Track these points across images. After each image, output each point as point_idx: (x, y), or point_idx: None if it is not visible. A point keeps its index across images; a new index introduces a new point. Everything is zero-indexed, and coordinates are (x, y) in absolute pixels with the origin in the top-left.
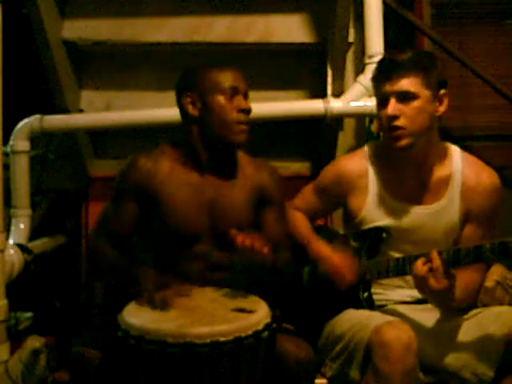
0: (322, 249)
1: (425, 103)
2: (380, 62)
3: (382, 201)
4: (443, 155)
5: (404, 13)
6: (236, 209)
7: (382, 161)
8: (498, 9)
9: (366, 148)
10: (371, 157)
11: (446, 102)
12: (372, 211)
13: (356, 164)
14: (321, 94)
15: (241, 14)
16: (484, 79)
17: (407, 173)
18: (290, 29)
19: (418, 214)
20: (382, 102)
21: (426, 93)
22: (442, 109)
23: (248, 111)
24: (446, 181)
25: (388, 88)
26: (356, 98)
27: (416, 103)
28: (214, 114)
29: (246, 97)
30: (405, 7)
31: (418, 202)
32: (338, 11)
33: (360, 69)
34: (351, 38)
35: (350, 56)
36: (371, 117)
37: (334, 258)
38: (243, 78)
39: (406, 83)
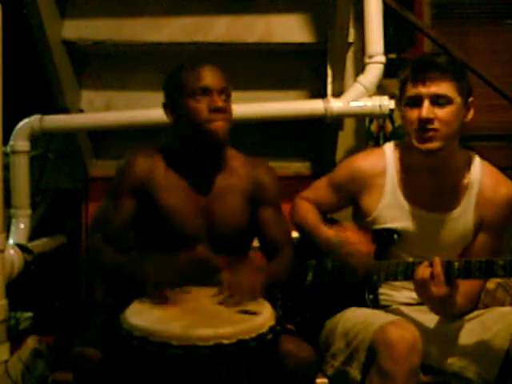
0: (331, 231)
1: (458, 109)
2: (416, 63)
3: (396, 203)
4: (463, 163)
5: (404, 13)
6: (231, 211)
7: (401, 162)
8: (497, 9)
9: (385, 147)
10: (390, 157)
11: (472, 109)
12: (385, 212)
13: (373, 163)
14: (321, 93)
15: (241, 13)
16: (484, 79)
17: (426, 178)
18: (290, 29)
19: (431, 221)
20: (413, 103)
21: (459, 99)
22: (469, 116)
23: (221, 109)
24: (463, 189)
25: (423, 90)
26: (356, 97)
27: (450, 108)
28: (185, 118)
29: (221, 94)
30: (405, 7)
31: (434, 208)
32: (338, 11)
33: (360, 69)
34: (351, 38)
35: (350, 56)
36: (371, 117)
37: (344, 232)
38: (218, 73)
39: (443, 87)
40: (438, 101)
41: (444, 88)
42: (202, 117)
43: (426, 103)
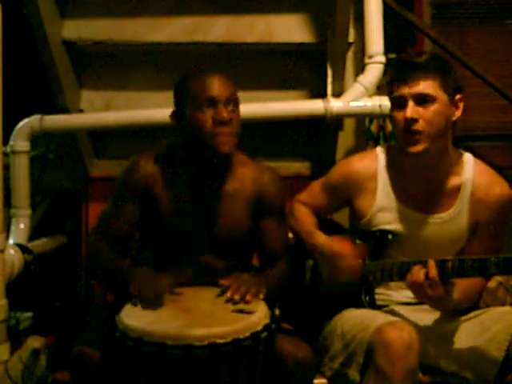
0: (323, 239)
1: (442, 107)
2: (398, 65)
3: (389, 205)
4: (456, 163)
5: (404, 13)
6: (234, 216)
7: (393, 164)
8: (497, 9)
9: (377, 150)
10: (382, 159)
11: (461, 106)
12: (379, 215)
13: (366, 165)
14: (321, 94)
15: (241, 13)
16: (484, 79)
17: (418, 179)
18: (290, 29)
19: (425, 223)
20: (398, 105)
21: (443, 97)
22: (458, 113)
23: (226, 122)
24: (456, 190)
25: (406, 90)
26: (356, 97)
27: (434, 106)
28: (190, 129)
29: (228, 104)
30: (405, 7)
31: (427, 210)
32: (338, 11)
33: (360, 69)
34: (351, 38)
35: (350, 56)
36: (371, 117)
37: (336, 243)
38: (226, 82)
39: (425, 86)
40: (421, 100)
41: (427, 87)
42: (207, 129)
43: (411, 103)
